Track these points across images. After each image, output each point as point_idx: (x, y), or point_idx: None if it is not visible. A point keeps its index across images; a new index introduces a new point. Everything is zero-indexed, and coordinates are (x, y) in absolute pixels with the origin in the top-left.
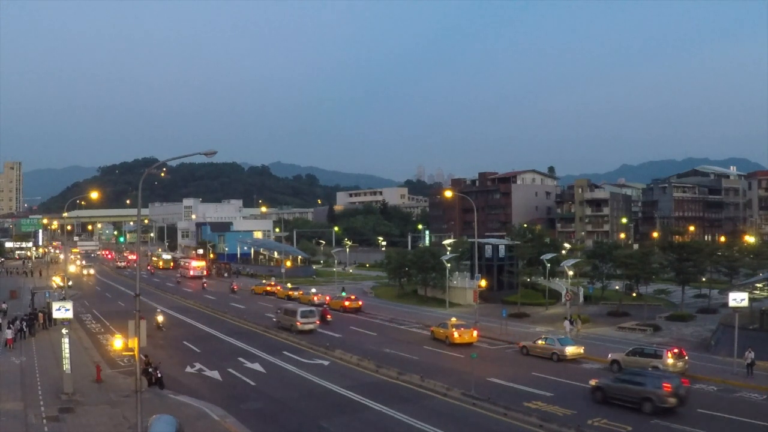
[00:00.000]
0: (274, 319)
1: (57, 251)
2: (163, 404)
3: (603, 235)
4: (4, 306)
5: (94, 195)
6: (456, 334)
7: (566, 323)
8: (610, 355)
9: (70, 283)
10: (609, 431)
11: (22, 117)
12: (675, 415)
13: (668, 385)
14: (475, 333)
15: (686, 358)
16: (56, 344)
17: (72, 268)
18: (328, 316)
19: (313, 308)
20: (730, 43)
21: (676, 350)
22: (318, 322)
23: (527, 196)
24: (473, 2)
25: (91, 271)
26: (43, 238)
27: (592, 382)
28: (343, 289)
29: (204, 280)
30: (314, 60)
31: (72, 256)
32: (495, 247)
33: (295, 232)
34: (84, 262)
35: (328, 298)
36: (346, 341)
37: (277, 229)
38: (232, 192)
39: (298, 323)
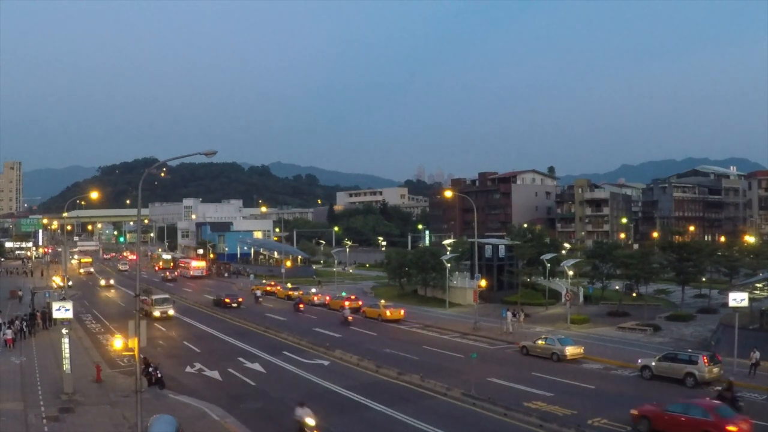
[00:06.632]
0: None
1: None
2: (163, 404)
3: (603, 235)
4: (20, 293)
5: (94, 195)
6: (388, 312)
7: (508, 314)
8: (639, 360)
9: (70, 283)
10: (609, 431)
11: (22, 117)
12: None
13: None
14: (402, 311)
15: (721, 363)
16: (56, 344)
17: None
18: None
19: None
20: (730, 43)
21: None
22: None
23: (527, 196)
24: (473, 2)
25: (171, 311)
26: (43, 237)
27: None
28: (319, 282)
29: (259, 294)
30: (315, 60)
31: (83, 269)
32: (495, 247)
33: (295, 232)
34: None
35: (327, 298)
36: (346, 341)
37: (277, 229)
38: (232, 192)
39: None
